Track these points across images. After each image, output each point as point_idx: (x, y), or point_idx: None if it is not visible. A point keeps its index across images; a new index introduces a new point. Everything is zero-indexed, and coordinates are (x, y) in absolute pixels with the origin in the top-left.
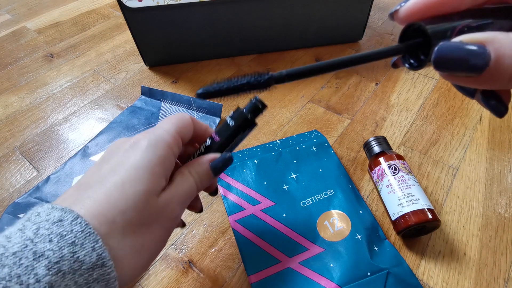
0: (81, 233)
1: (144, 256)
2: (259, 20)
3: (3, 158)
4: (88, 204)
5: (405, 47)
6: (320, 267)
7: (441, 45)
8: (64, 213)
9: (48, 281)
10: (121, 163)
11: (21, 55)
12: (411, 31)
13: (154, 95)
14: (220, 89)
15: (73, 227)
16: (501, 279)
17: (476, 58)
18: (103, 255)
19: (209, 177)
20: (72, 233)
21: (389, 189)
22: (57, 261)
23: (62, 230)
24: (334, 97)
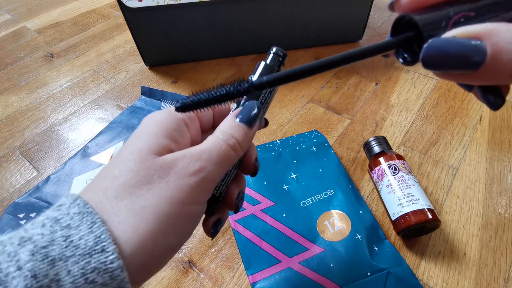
0: (78, 214)
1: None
2: (259, 20)
3: (3, 158)
4: (89, 184)
5: (396, 42)
6: (320, 267)
7: (430, 42)
8: (66, 198)
9: (30, 269)
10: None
11: (21, 55)
12: (403, 23)
13: (154, 95)
14: (199, 101)
15: (70, 209)
16: (501, 279)
17: (471, 54)
18: (102, 237)
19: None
20: (68, 216)
21: (389, 189)
22: (44, 246)
23: (58, 214)
24: (334, 97)
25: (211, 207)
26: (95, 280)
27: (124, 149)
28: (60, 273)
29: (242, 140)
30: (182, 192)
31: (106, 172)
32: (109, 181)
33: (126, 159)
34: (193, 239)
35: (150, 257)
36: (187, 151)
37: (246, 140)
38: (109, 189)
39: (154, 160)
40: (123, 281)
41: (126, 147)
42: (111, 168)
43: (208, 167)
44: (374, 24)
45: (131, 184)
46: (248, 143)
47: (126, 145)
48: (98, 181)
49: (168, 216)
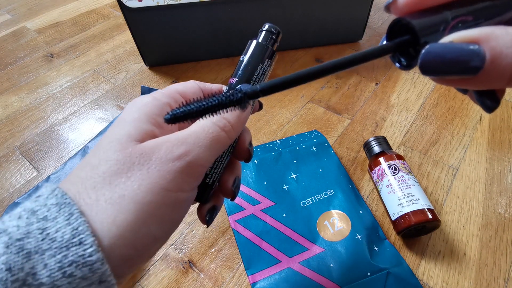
0: (55, 206)
1: (125, 207)
2: (259, 20)
3: (3, 158)
4: (69, 175)
5: (393, 46)
6: (320, 267)
7: (427, 48)
8: (45, 188)
9: (5, 262)
10: None
11: (21, 55)
12: (399, 26)
13: None
14: (190, 112)
15: (47, 200)
16: (501, 279)
17: (469, 59)
18: (79, 229)
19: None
20: (45, 207)
21: (389, 189)
22: (20, 238)
23: (35, 206)
24: (334, 97)
25: (204, 195)
26: (73, 274)
27: (104, 138)
28: (36, 267)
29: (234, 121)
30: (165, 179)
31: (85, 163)
32: (88, 171)
33: (105, 148)
34: (193, 239)
35: (133, 249)
36: (171, 136)
37: (238, 122)
38: (87, 179)
39: (134, 147)
40: (104, 274)
41: (106, 136)
42: (90, 159)
43: (194, 150)
44: (374, 24)
45: (110, 173)
46: (241, 126)
47: (106, 134)
48: (77, 172)
49: (149, 205)
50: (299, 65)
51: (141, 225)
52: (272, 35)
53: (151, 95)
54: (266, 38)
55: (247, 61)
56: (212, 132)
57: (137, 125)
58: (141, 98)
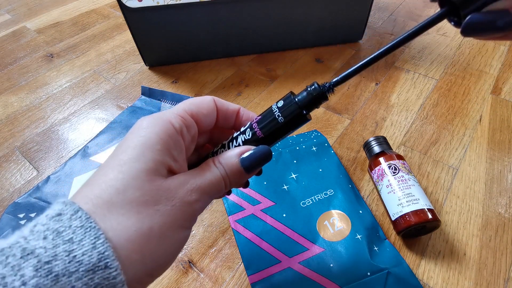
0: (81, 228)
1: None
2: (259, 20)
3: (3, 158)
4: (86, 190)
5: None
6: (320, 267)
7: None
8: (65, 206)
9: (35, 285)
10: (120, 145)
11: (21, 55)
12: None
13: (154, 95)
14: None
15: (72, 222)
16: (501, 279)
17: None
18: (106, 254)
19: (240, 174)
20: (70, 229)
21: (389, 189)
22: (48, 261)
23: (59, 226)
24: (334, 97)
25: None
26: None
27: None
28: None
29: (235, 182)
30: (182, 218)
31: (105, 181)
32: (113, 194)
33: (132, 175)
34: (193, 239)
35: (149, 275)
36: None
37: (238, 182)
38: (114, 205)
39: (162, 182)
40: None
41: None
42: (111, 179)
43: (202, 199)
44: (374, 24)
45: (139, 203)
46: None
47: (126, 155)
48: (97, 191)
49: (170, 239)
50: (299, 65)
51: (161, 255)
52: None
53: (167, 120)
54: (311, 105)
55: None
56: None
57: (160, 159)
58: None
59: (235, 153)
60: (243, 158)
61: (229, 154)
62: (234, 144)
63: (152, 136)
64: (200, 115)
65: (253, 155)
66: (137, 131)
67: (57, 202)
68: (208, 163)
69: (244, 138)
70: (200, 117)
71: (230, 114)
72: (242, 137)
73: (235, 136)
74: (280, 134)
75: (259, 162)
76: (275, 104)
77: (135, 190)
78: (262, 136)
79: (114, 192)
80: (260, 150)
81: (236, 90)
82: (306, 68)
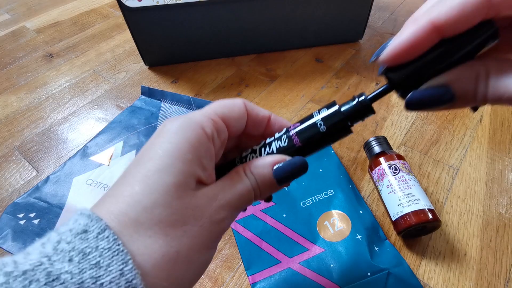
0: (108, 250)
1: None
2: (259, 20)
3: (3, 158)
4: (110, 203)
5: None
6: (320, 268)
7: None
8: (90, 221)
9: None
10: (146, 151)
11: (20, 55)
12: None
13: (154, 95)
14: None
15: (98, 242)
16: (501, 279)
17: (443, 98)
18: (133, 282)
19: (271, 185)
20: (97, 251)
21: (390, 189)
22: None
23: (85, 246)
24: (334, 97)
25: None
26: None
27: (152, 172)
28: None
29: (264, 193)
30: (210, 239)
31: (131, 195)
32: (140, 212)
33: (161, 190)
34: None
35: None
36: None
37: (266, 194)
38: (141, 224)
39: (191, 198)
40: None
41: (156, 169)
42: (138, 193)
43: (230, 216)
44: (374, 24)
45: (167, 223)
46: (264, 196)
47: (153, 164)
48: (123, 205)
49: (196, 263)
50: (299, 65)
51: (187, 280)
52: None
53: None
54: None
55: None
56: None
57: (190, 170)
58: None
59: (268, 162)
60: (277, 168)
61: (261, 163)
62: (266, 150)
63: (182, 143)
64: (231, 119)
65: (288, 166)
66: (166, 135)
67: (81, 214)
68: (238, 172)
69: (279, 145)
70: (231, 121)
71: (260, 120)
72: (276, 144)
73: (268, 142)
74: (319, 145)
75: (293, 174)
76: (316, 112)
77: (164, 209)
78: (299, 145)
79: (141, 210)
80: (296, 161)
81: (236, 90)
82: (306, 68)
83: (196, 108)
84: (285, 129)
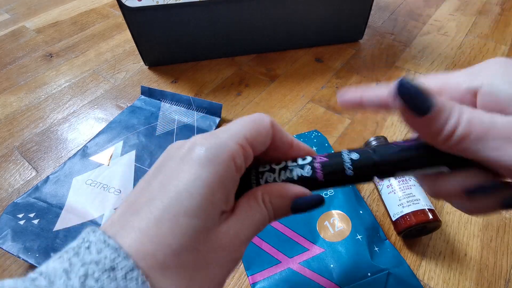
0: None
1: None
2: (259, 20)
3: (2, 158)
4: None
5: None
6: (320, 268)
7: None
8: (118, 256)
9: None
10: (171, 180)
11: (20, 55)
12: None
13: (154, 95)
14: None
15: (127, 282)
16: (502, 279)
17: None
18: None
19: (285, 213)
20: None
21: (390, 189)
22: None
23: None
24: (334, 97)
25: None
26: None
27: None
28: None
29: (277, 219)
30: (227, 275)
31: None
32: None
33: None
34: None
35: None
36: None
37: (278, 219)
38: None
39: (215, 240)
40: None
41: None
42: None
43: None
44: (375, 24)
45: (192, 267)
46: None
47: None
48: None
49: None
50: (299, 65)
51: None
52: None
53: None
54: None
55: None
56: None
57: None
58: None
59: (290, 195)
60: (297, 202)
61: (283, 193)
62: (286, 175)
63: (213, 180)
64: (258, 143)
65: (307, 202)
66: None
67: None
68: (257, 200)
69: (300, 174)
70: (257, 145)
71: (282, 143)
72: (298, 172)
73: (289, 166)
74: (338, 185)
75: (309, 209)
76: (347, 154)
77: (191, 253)
78: (321, 181)
79: (170, 254)
80: (317, 199)
81: (236, 90)
82: (306, 68)
83: (195, 108)
84: (311, 159)
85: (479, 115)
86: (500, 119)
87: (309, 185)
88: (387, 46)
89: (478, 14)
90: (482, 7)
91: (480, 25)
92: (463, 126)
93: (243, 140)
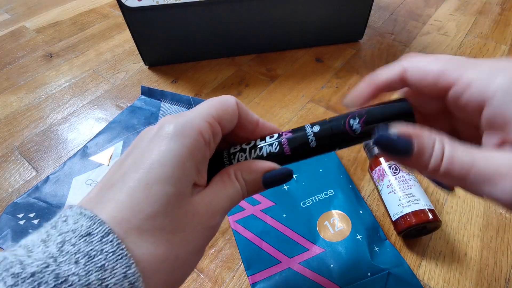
0: (112, 254)
1: (180, 270)
2: (259, 20)
3: (2, 158)
4: (111, 208)
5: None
6: (320, 268)
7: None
8: (93, 224)
9: None
10: (143, 155)
11: (20, 55)
12: None
13: (154, 95)
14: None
15: (103, 245)
16: (502, 279)
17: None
18: (136, 284)
19: (258, 188)
20: (102, 254)
21: (390, 189)
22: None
23: (90, 249)
24: (334, 96)
25: None
26: None
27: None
28: None
29: (250, 194)
30: (205, 242)
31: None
32: (143, 220)
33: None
34: None
35: None
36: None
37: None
38: (144, 231)
39: (189, 206)
40: None
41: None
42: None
43: (222, 219)
44: (375, 24)
45: (167, 230)
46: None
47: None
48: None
49: (190, 264)
50: (299, 65)
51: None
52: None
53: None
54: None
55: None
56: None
57: (188, 177)
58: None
59: (260, 169)
60: (266, 175)
61: (253, 169)
62: (257, 153)
63: (182, 151)
64: (225, 121)
65: (277, 175)
66: (164, 140)
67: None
68: (229, 176)
69: (269, 151)
70: (225, 123)
71: (249, 122)
72: (267, 149)
73: (258, 145)
74: (305, 157)
75: (280, 182)
76: (309, 127)
77: (165, 217)
78: (288, 154)
79: (144, 218)
80: (285, 171)
81: (236, 90)
82: (306, 68)
83: None
84: (278, 136)
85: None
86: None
87: (278, 160)
88: (387, 46)
89: (478, 14)
90: (482, 7)
91: (480, 25)
92: (445, 163)
93: (210, 117)
